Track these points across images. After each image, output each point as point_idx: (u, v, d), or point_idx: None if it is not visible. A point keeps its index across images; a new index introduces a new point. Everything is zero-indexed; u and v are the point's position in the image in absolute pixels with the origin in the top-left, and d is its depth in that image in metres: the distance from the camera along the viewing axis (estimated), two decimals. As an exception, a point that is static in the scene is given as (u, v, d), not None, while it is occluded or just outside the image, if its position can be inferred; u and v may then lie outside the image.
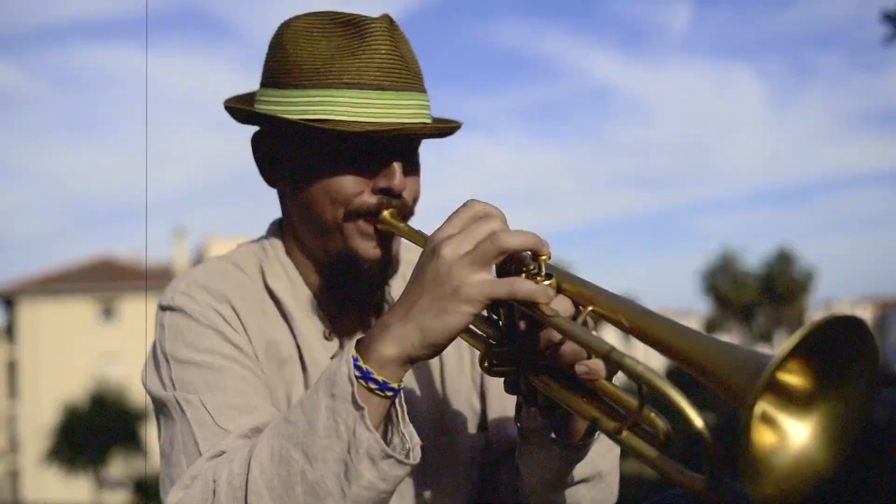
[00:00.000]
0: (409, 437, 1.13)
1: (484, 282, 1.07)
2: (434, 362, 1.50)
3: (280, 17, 1.42)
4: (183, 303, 1.36)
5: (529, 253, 1.11)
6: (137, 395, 31.57)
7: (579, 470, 1.29)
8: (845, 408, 0.89)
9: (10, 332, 44.16)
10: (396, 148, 1.35)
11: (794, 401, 0.90)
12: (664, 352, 0.96)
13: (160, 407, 1.32)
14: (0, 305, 45.02)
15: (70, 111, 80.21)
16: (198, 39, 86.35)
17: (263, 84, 1.40)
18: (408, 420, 1.14)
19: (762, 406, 0.89)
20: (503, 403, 1.49)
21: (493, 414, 1.50)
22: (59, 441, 32.34)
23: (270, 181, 1.46)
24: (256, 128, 1.46)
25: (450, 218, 1.14)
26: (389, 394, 1.10)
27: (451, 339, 1.10)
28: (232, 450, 1.19)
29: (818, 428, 0.89)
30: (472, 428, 1.50)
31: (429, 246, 1.12)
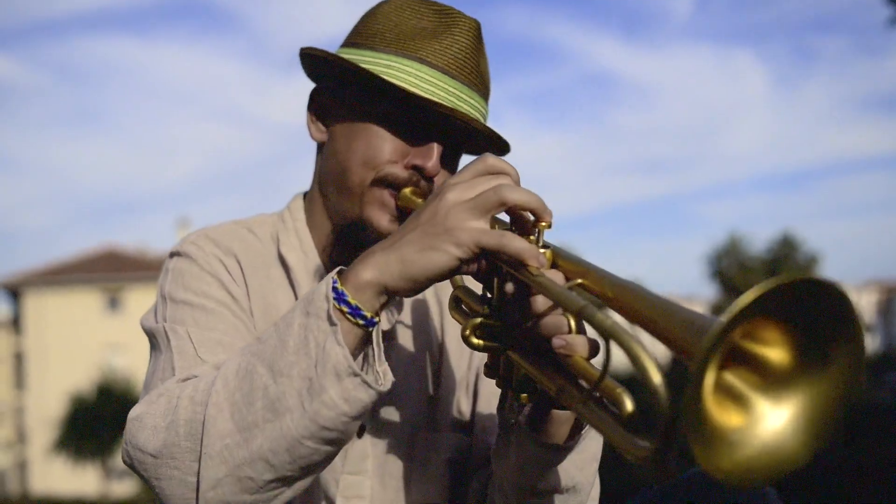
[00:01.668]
0: (384, 375, 1.10)
1: (477, 228, 1.06)
2: (433, 356, 1.51)
3: (283, 9, 1.42)
4: (189, 249, 1.40)
5: (532, 217, 1.10)
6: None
7: (554, 479, 1.25)
8: (826, 392, 0.83)
9: (16, 323, 44.39)
10: (442, 134, 1.37)
11: (769, 380, 0.85)
12: (636, 321, 0.93)
13: (150, 340, 1.34)
14: (6, 297, 45.27)
15: (73, 104, 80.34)
16: (202, 30, 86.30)
17: (343, 45, 1.45)
18: (384, 359, 1.11)
19: (730, 378, 0.85)
20: (491, 411, 1.48)
21: (479, 420, 1.49)
22: (67, 432, 32.50)
23: (315, 134, 1.48)
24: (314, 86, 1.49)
25: (463, 168, 1.13)
26: (361, 321, 1.08)
27: (430, 279, 1.08)
28: (203, 374, 1.18)
29: (794, 411, 0.84)
30: (458, 428, 1.49)
31: (436, 190, 1.13)
